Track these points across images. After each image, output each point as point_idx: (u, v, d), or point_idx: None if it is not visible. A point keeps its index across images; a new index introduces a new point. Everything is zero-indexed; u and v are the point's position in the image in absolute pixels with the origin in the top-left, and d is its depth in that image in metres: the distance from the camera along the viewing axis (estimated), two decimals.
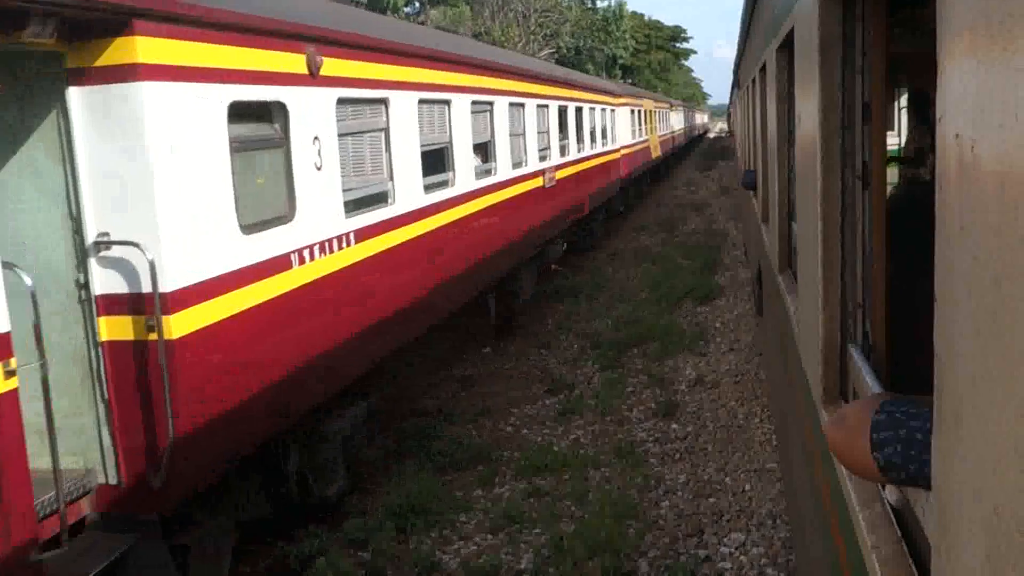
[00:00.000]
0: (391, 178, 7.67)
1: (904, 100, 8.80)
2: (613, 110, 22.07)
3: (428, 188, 8.56)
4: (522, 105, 12.56)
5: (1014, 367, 0.85)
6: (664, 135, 36.49)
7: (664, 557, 6.20)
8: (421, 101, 8.41)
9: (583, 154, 17.59)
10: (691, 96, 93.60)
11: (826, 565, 2.97)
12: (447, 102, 9.37)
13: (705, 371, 10.57)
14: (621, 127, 23.19)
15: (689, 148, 58.54)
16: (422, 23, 35.31)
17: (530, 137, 12.90)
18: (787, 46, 4.49)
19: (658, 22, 79.89)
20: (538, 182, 13.29)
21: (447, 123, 9.37)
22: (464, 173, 9.74)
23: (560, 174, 14.88)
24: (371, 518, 6.89)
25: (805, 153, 3.06)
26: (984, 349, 0.94)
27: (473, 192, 10.01)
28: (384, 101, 7.58)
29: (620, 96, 23.63)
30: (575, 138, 16.70)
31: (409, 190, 8.03)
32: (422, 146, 8.43)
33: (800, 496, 4.23)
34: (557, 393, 10.05)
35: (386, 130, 7.60)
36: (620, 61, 61.27)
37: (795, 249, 4.28)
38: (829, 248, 2.59)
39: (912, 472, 1.57)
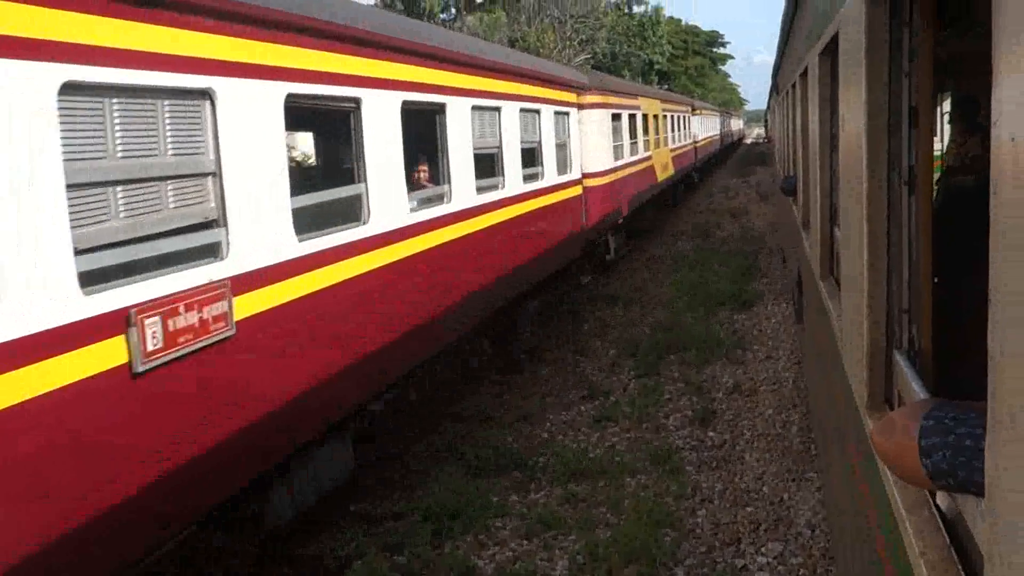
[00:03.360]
0: None
1: (947, 105, 8.68)
2: (566, 114, 13.15)
3: None
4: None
5: None
6: (680, 147, 28.17)
7: (700, 566, 6.16)
8: None
9: (467, 204, 8.72)
10: (728, 101, 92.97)
11: (869, 574, 2.94)
12: None
13: (742, 379, 10.48)
14: (588, 142, 14.38)
15: (724, 156, 57.92)
16: (459, 29, 35.50)
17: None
18: (830, 51, 4.46)
19: (695, 27, 79.48)
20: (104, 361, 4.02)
21: None
22: None
23: (316, 282, 5.77)
24: (407, 522, 6.93)
25: (849, 157, 3.04)
26: None
27: None
28: None
29: (587, 92, 14.51)
30: (425, 176, 8.52)
31: None
32: None
33: (841, 504, 4.18)
34: (593, 399, 10.02)
35: None
36: (657, 66, 61.06)
37: (837, 255, 4.24)
38: (874, 252, 2.57)
39: (961, 479, 1.55)
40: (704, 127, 38.95)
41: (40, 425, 3.71)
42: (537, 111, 11.41)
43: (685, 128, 30.25)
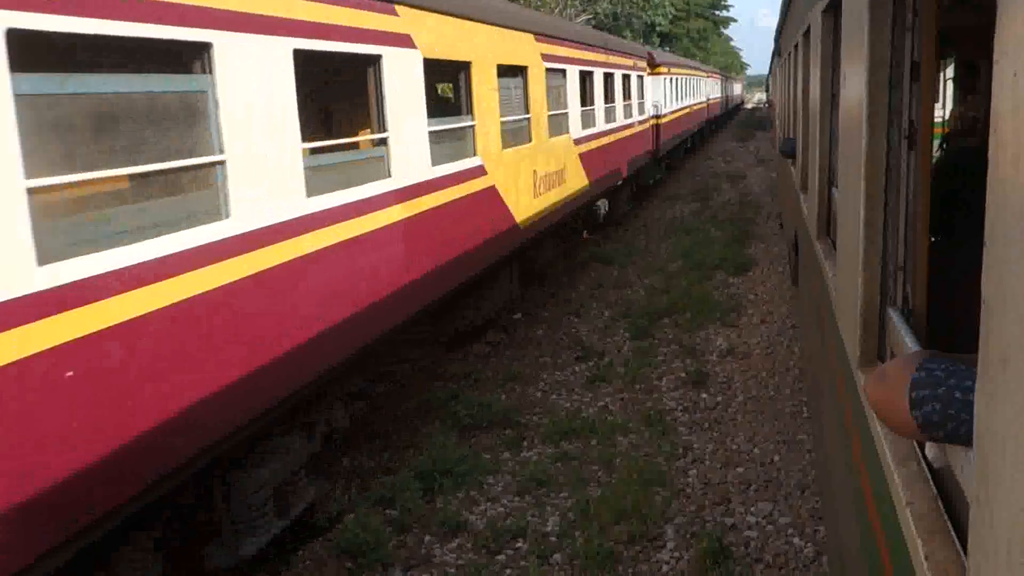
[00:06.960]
0: None
1: (950, 71, 8.61)
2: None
3: None
4: None
5: None
6: (612, 133, 16.59)
7: (690, 524, 6.22)
8: None
9: None
10: (729, 65, 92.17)
11: (857, 530, 2.96)
12: None
13: (736, 342, 10.51)
14: None
15: (723, 122, 57.25)
16: None
17: None
18: (832, 7, 4.40)
19: None
20: None
21: None
22: None
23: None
24: (398, 477, 6.97)
25: (850, 115, 3.00)
26: None
27: None
28: None
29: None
30: None
31: None
32: None
33: (831, 463, 4.21)
34: (587, 360, 10.05)
35: None
36: (658, 28, 60.37)
37: (834, 215, 4.22)
38: (872, 209, 2.55)
39: (950, 430, 1.55)
40: (677, 94, 25.96)
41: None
42: None
43: (630, 98, 18.99)
